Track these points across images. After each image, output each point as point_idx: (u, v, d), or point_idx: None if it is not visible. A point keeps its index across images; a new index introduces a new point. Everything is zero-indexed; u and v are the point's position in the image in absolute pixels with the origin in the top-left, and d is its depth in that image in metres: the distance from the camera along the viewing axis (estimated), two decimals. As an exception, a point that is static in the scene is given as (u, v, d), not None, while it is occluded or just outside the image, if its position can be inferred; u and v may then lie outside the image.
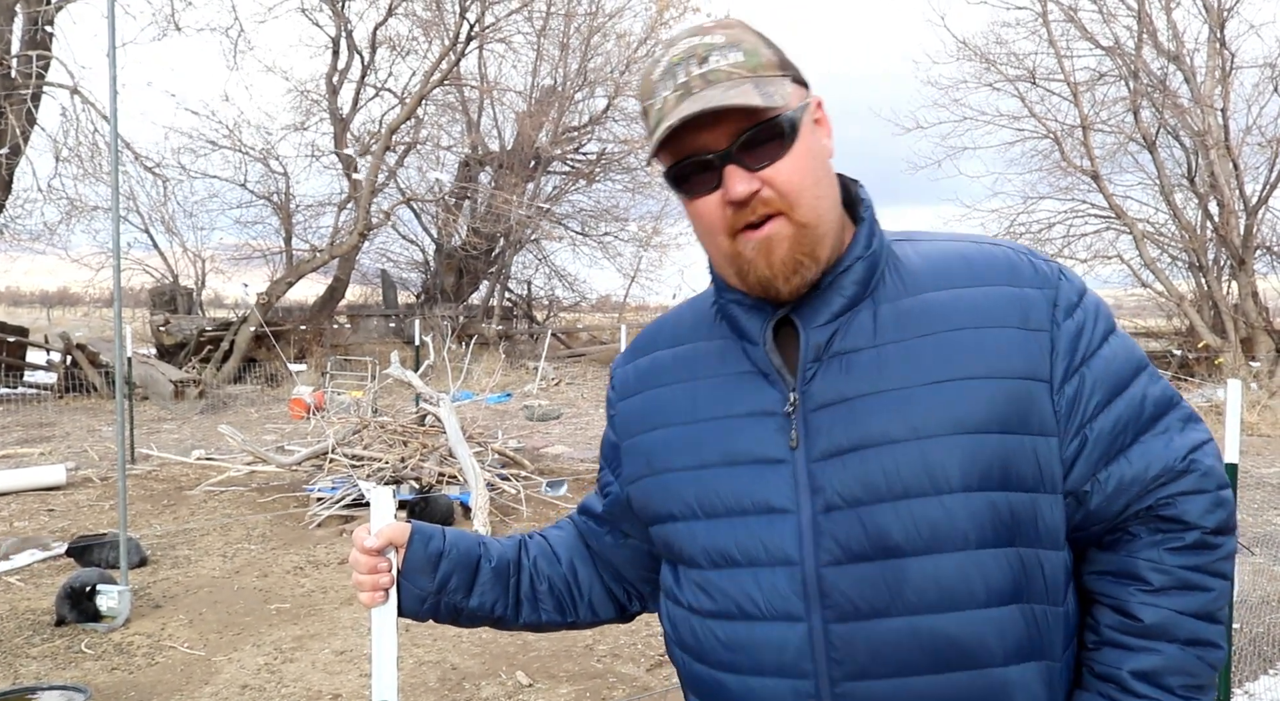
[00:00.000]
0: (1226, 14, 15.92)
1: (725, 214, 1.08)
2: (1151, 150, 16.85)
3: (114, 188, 5.31)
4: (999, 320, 1.09)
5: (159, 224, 19.59)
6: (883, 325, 1.10)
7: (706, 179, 1.09)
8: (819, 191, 1.10)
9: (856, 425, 1.07)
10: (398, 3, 18.77)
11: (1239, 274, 16.16)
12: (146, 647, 4.72)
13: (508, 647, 4.70)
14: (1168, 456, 1.10)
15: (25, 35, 14.79)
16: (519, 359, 20.33)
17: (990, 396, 1.06)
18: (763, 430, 1.11)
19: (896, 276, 1.13)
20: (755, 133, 1.06)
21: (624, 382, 1.30)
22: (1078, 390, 1.09)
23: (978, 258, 1.14)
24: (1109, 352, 1.11)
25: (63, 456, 10.03)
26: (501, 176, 21.91)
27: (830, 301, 1.12)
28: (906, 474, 1.05)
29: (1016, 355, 1.07)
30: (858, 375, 1.09)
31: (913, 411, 1.06)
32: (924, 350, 1.08)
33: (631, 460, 1.24)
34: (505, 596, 1.33)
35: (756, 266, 1.09)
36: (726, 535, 1.12)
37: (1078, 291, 1.13)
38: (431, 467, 7.69)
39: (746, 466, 1.12)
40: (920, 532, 1.04)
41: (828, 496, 1.07)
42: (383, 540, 1.27)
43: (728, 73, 1.06)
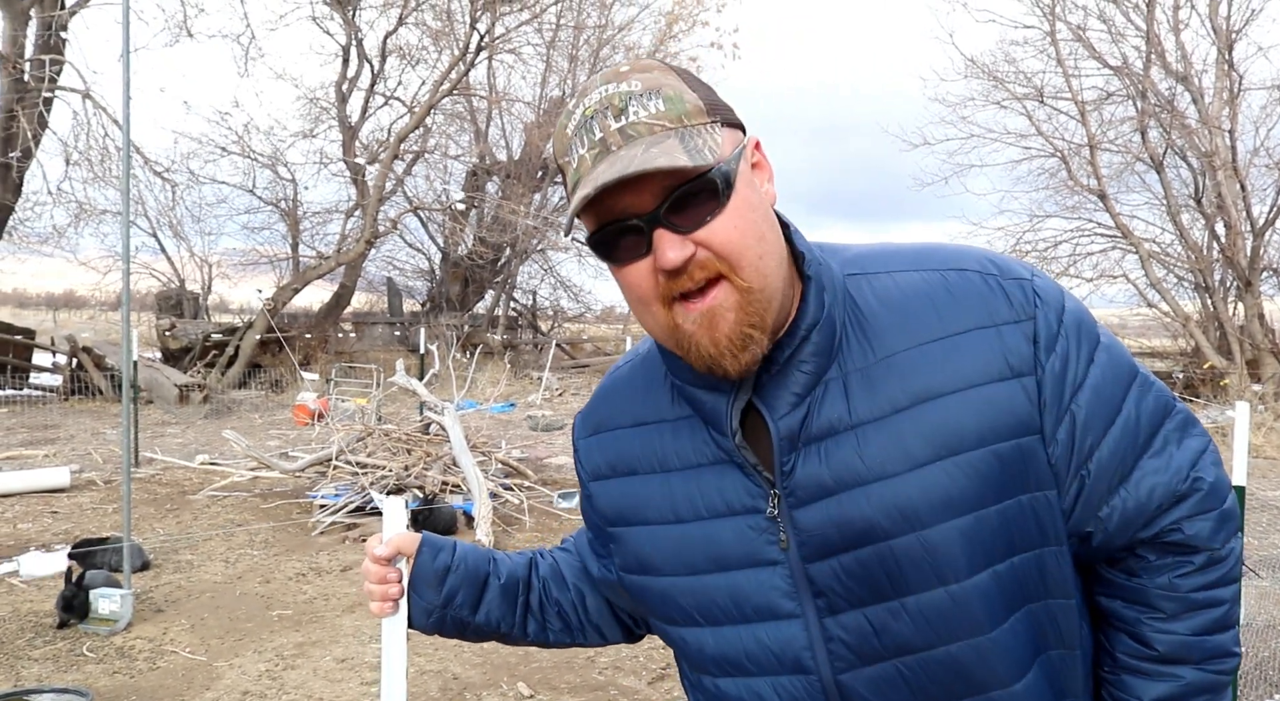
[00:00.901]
0: (1235, 36, 15.96)
1: (658, 282, 0.97)
2: (1159, 170, 16.86)
3: (124, 192, 5.34)
4: (981, 374, 1.00)
5: (167, 228, 19.66)
6: (855, 400, 1.01)
7: (634, 244, 0.97)
8: (762, 249, 0.98)
9: (847, 522, 1.00)
10: (408, 12, 18.86)
11: (1245, 295, 16.13)
12: (148, 652, 4.72)
13: (509, 658, 4.69)
14: (1170, 479, 1.04)
15: (39, 40, 14.88)
16: (523, 369, 20.34)
17: (984, 468, 0.99)
18: (749, 531, 1.04)
19: (860, 334, 1.03)
20: (685, 191, 0.94)
21: (589, 459, 1.22)
22: (1070, 433, 1.02)
23: (943, 297, 1.02)
24: (1097, 379, 1.03)
25: (67, 459, 10.04)
26: (508, 186, 21.97)
27: (792, 380, 1.02)
28: (909, 570, 0.99)
29: (1004, 413, 0.99)
30: (838, 463, 1.00)
31: (904, 502, 0.98)
32: (905, 429, 0.99)
33: (621, 551, 1.18)
34: (511, 614, 1.32)
35: (699, 343, 0.98)
36: (734, 645, 1.08)
37: (1055, 313, 1.03)
38: (435, 476, 7.69)
39: (739, 571, 1.05)
40: (933, 627, 0.99)
41: (831, 600, 1.02)
42: (391, 549, 1.26)
43: (649, 125, 0.95)
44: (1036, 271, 1.07)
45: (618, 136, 0.95)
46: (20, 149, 14.43)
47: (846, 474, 1.00)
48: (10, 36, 14.61)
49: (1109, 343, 1.07)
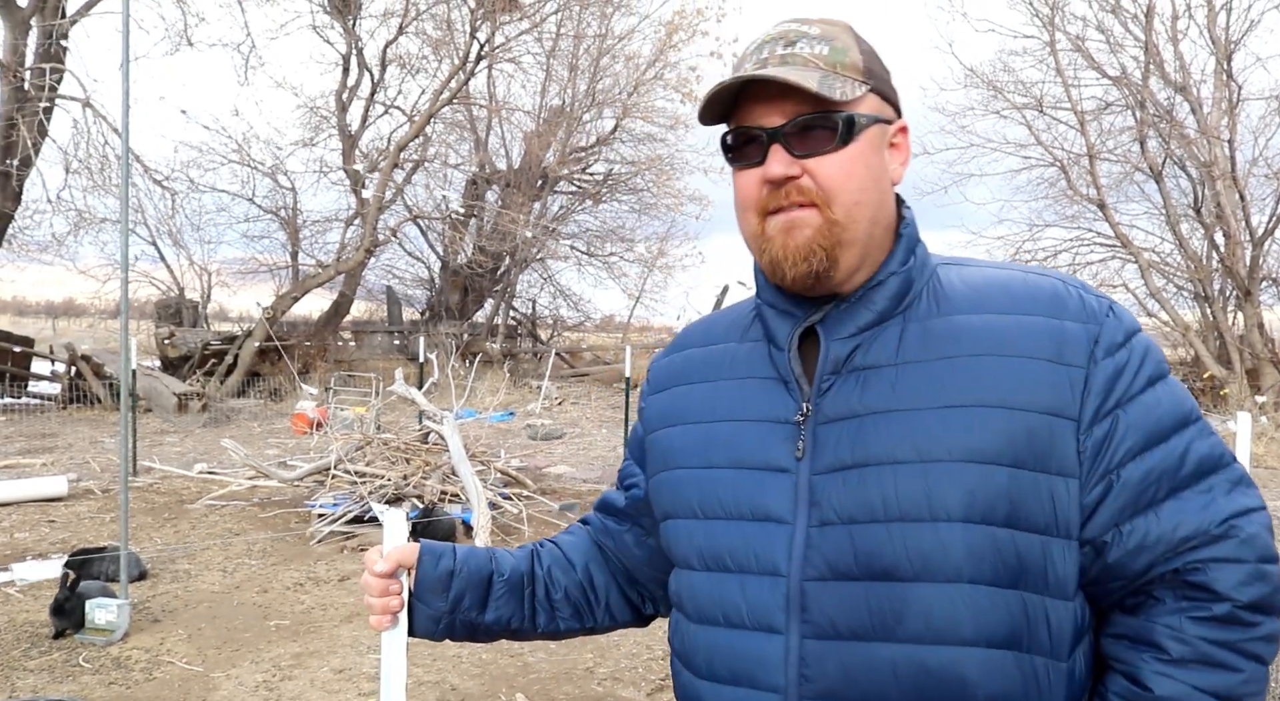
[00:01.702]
0: (1233, 46, 15.99)
1: (761, 192, 1.09)
2: (1158, 180, 16.88)
3: (123, 200, 5.32)
4: (1028, 350, 1.04)
5: (166, 237, 19.71)
6: (907, 344, 1.07)
7: (753, 151, 1.09)
8: (860, 198, 1.08)
9: (863, 442, 1.04)
10: (408, 21, 18.91)
11: (1245, 305, 16.13)
12: (145, 662, 4.69)
13: (507, 669, 4.66)
14: (1203, 518, 1.01)
15: (39, 48, 14.90)
16: (522, 378, 20.33)
17: (1005, 428, 1.01)
18: (772, 437, 1.10)
19: (932, 298, 1.10)
20: (809, 120, 1.06)
21: (657, 377, 1.30)
22: (1108, 433, 1.02)
23: (1020, 286, 1.10)
24: (1151, 399, 1.04)
25: (65, 467, 10.01)
26: (508, 195, 21.99)
27: (858, 315, 1.10)
28: (905, 497, 1.01)
29: (1042, 389, 1.02)
30: (873, 392, 1.06)
31: (920, 434, 1.02)
32: (942, 373, 1.04)
33: (653, 455, 1.25)
34: (521, 608, 1.32)
35: (773, 244, 1.08)
36: (721, 539, 1.12)
37: (1125, 331, 1.07)
38: (434, 486, 7.66)
39: (751, 472, 1.11)
40: (911, 559, 1.00)
41: (824, 511, 1.05)
42: (391, 563, 1.25)
43: (805, 60, 1.07)
44: (1119, 304, 1.12)
45: (777, 60, 1.07)
46: (20, 157, 14.44)
47: (876, 401, 1.05)
48: (11, 45, 14.63)
49: (1174, 384, 1.08)
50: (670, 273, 25.03)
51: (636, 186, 23.82)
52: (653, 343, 25.15)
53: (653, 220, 24.52)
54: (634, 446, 1.34)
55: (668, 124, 22.27)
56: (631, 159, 23.43)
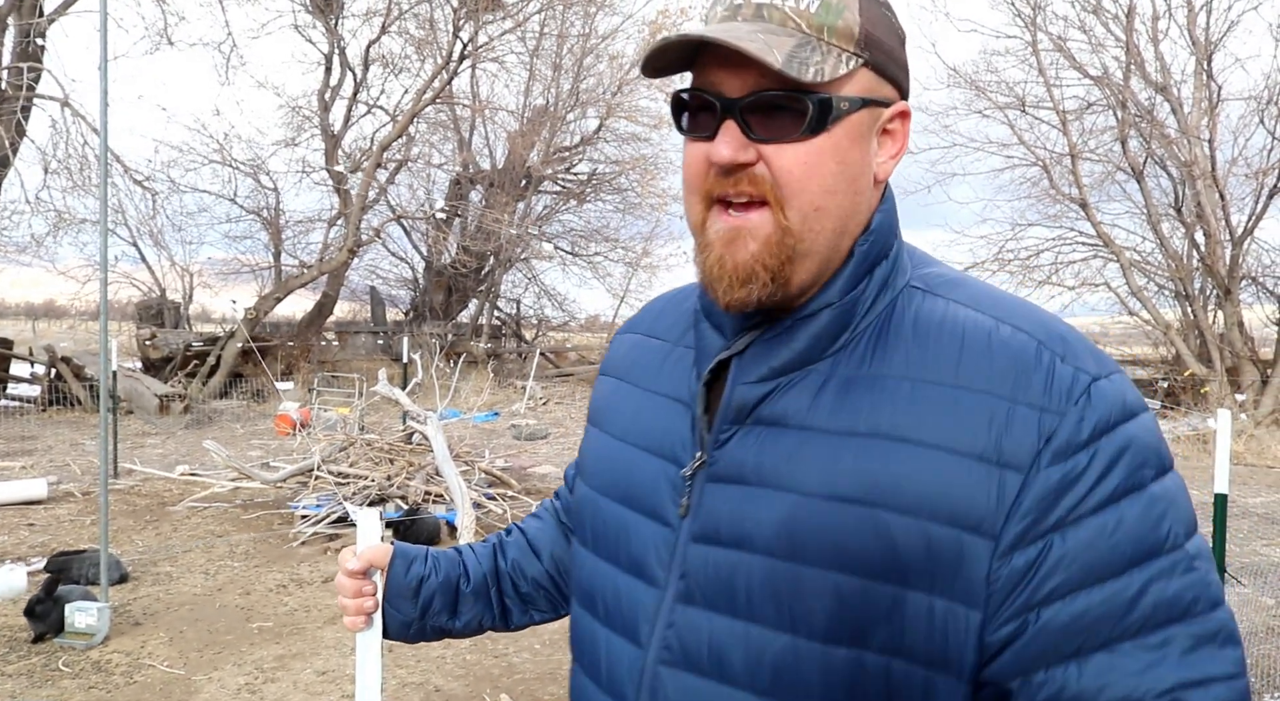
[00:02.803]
0: (1213, 47, 16.13)
1: (708, 174, 0.90)
2: (1139, 179, 17.01)
3: (103, 200, 5.28)
4: (954, 443, 0.82)
5: (147, 237, 19.52)
6: (821, 403, 0.88)
7: (704, 122, 0.90)
8: (823, 202, 0.88)
9: (742, 517, 0.88)
10: (391, 21, 18.83)
11: (1225, 303, 16.27)
12: (125, 666, 4.65)
13: (491, 670, 4.65)
14: (1140, 683, 0.77)
15: (17, 47, 14.76)
16: (507, 378, 20.29)
17: (900, 536, 0.82)
18: (664, 482, 0.96)
19: (871, 343, 0.90)
20: (774, 99, 0.86)
21: (612, 357, 1.17)
22: (1034, 561, 0.79)
23: (980, 345, 0.86)
24: (1107, 521, 0.79)
25: (45, 470, 9.92)
26: (492, 195, 21.94)
27: (775, 353, 0.91)
28: (768, 598, 0.86)
29: (958, 494, 0.81)
30: (769, 457, 0.89)
31: (800, 526, 0.85)
32: (845, 456, 0.85)
33: (582, 449, 1.15)
34: (490, 609, 1.29)
35: (710, 254, 0.90)
36: (599, 582, 1.01)
37: (1096, 425, 0.81)
38: (418, 486, 7.64)
39: (639, 515, 0.98)
40: (761, 669, 0.86)
41: (689, 586, 0.91)
42: (363, 562, 1.23)
43: (785, 15, 0.87)
44: (1116, 376, 0.85)
45: (751, 10, 0.88)
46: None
47: (768, 471, 0.88)
48: (-12, 44, 14.49)
49: (1156, 499, 0.81)
50: (655, 272, 25.04)
51: (621, 186, 23.82)
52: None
53: (637, 220, 24.54)
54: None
55: (651, 123, 22.26)
56: (615, 158, 23.43)
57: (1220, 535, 3.77)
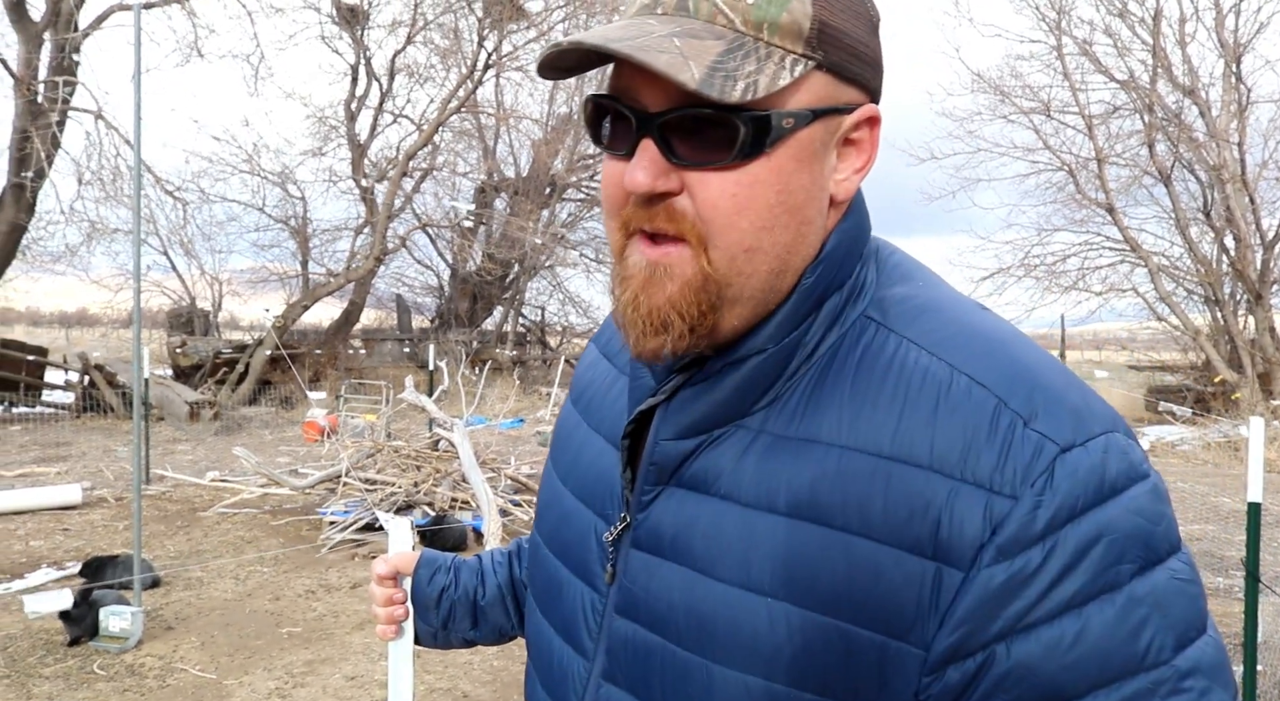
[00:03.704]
0: (1242, 49, 15.98)
1: (625, 200, 0.75)
2: (1167, 184, 16.85)
3: (135, 210, 5.39)
4: (891, 531, 0.68)
5: (177, 247, 19.77)
6: (744, 467, 0.75)
7: (621, 136, 0.75)
8: (756, 242, 0.73)
9: (656, 598, 0.78)
10: (416, 31, 18.99)
11: (1256, 308, 16.09)
12: (158, 669, 4.72)
13: (519, 676, 4.67)
14: None
15: (52, 61, 15.03)
16: (532, 384, 20.36)
17: (811, 638, 0.70)
18: (592, 540, 0.86)
19: (805, 395, 0.76)
20: (699, 117, 0.70)
21: (579, 372, 1.05)
22: (973, 678, 0.66)
23: (926, 408, 0.70)
24: (1066, 632, 0.64)
25: (79, 476, 10.07)
26: (516, 203, 22.06)
27: (699, 406, 0.78)
28: (680, 692, 0.76)
29: (882, 593, 0.68)
30: (685, 531, 0.77)
31: (709, 619, 0.74)
32: (762, 539, 0.72)
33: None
34: (508, 617, 1.27)
35: (626, 291, 0.76)
36: (540, 639, 0.94)
37: (1059, 510, 0.65)
38: (444, 493, 7.69)
39: (574, 575, 0.88)
40: None
41: (612, 664, 0.82)
42: (390, 568, 1.23)
43: (712, 11, 0.71)
44: (1099, 440, 0.68)
45: (673, 3, 0.72)
46: (34, 169, 14.56)
47: (683, 546, 0.77)
48: (24, 58, 14.76)
49: (1143, 602, 0.65)
50: (678, 279, 25.03)
51: (645, 193, 23.86)
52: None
53: (660, 227, 24.53)
54: None
55: (675, 131, 22.28)
56: (640, 166, 23.45)
57: (1254, 544, 3.74)
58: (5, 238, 15.16)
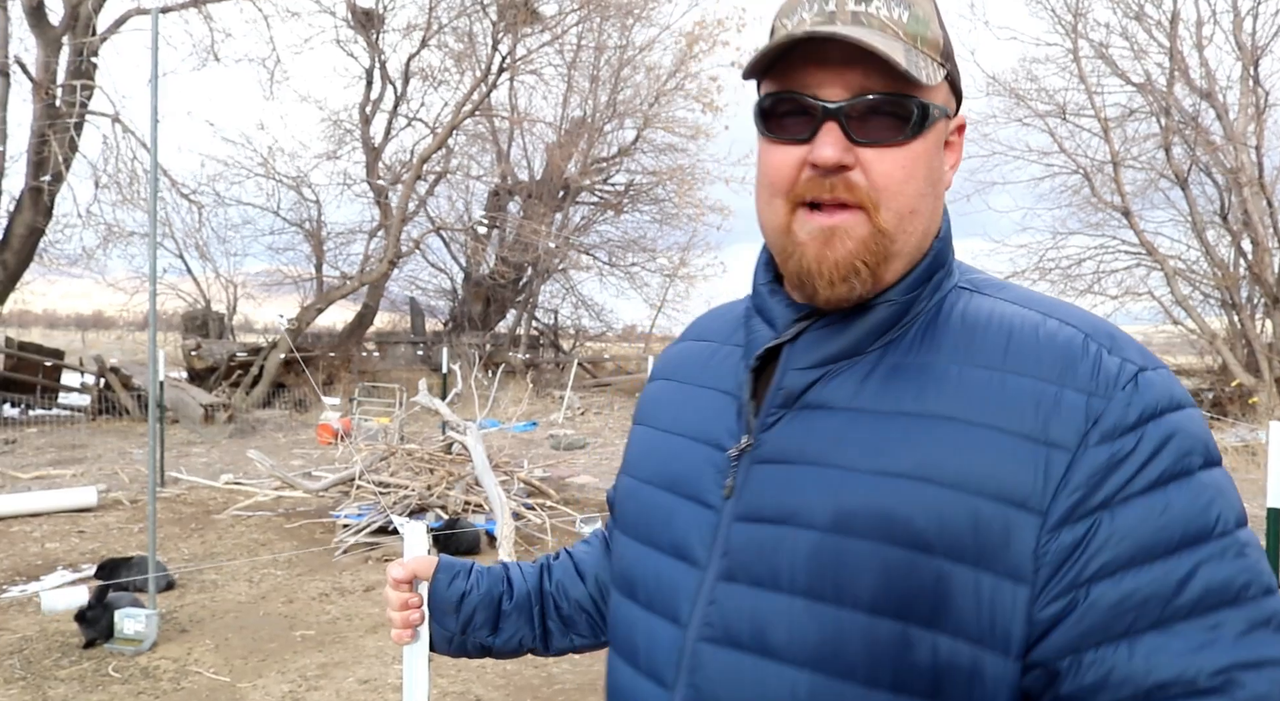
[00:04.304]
0: (1260, 52, 15.87)
1: (799, 176, 0.90)
2: (1183, 187, 16.74)
3: (151, 213, 5.41)
4: (1003, 421, 0.84)
5: (193, 249, 19.85)
6: (869, 387, 0.90)
7: (799, 125, 0.90)
8: (916, 205, 0.90)
9: (786, 495, 0.90)
10: (431, 34, 19.07)
11: (1273, 312, 15.96)
12: (173, 672, 4.74)
13: (532, 680, 4.67)
14: (1193, 662, 0.77)
15: (70, 65, 15.14)
16: (545, 388, 20.38)
17: (947, 511, 0.82)
18: (708, 466, 0.98)
19: (919, 336, 0.92)
20: (879, 101, 0.87)
21: (658, 366, 1.20)
22: (1083, 538, 0.80)
23: (1028, 335, 0.88)
24: (1155, 503, 0.80)
25: (94, 478, 10.13)
26: (530, 206, 22.10)
27: (829, 343, 0.93)
28: (812, 571, 0.86)
29: (1006, 470, 0.82)
30: (815, 438, 0.91)
31: (846, 500, 0.86)
32: (890, 432, 0.87)
33: (627, 445, 1.18)
34: (532, 628, 1.29)
35: (805, 255, 0.90)
36: (638, 567, 1.02)
37: (1143, 410, 0.82)
38: (457, 496, 7.71)
39: (680, 499, 0.99)
40: (805, 643, 0.86)
41: (732, 564, 0.91)
42: (407, 572, 1.24)
43: (882, 24, 0.88)
44: (1164, 370, 0.87)
45: (848, 15, 0.88)
46: (51, 173, 14.67)
47: (814, 450, 0.90)
48: (43, 62, 14.88)
49: (1206, 487, 0.82)
50: (692, 283, 25.05)
51: (658, 197, 23.87)
52: (674, 352, 25.12)
53: (674, 230, 24.55)
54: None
55: (689, 134, 22.31)
56: (653, 169, 23.48)
57: (1274, 550, 3.70)
58: (23, 240, 15.28)
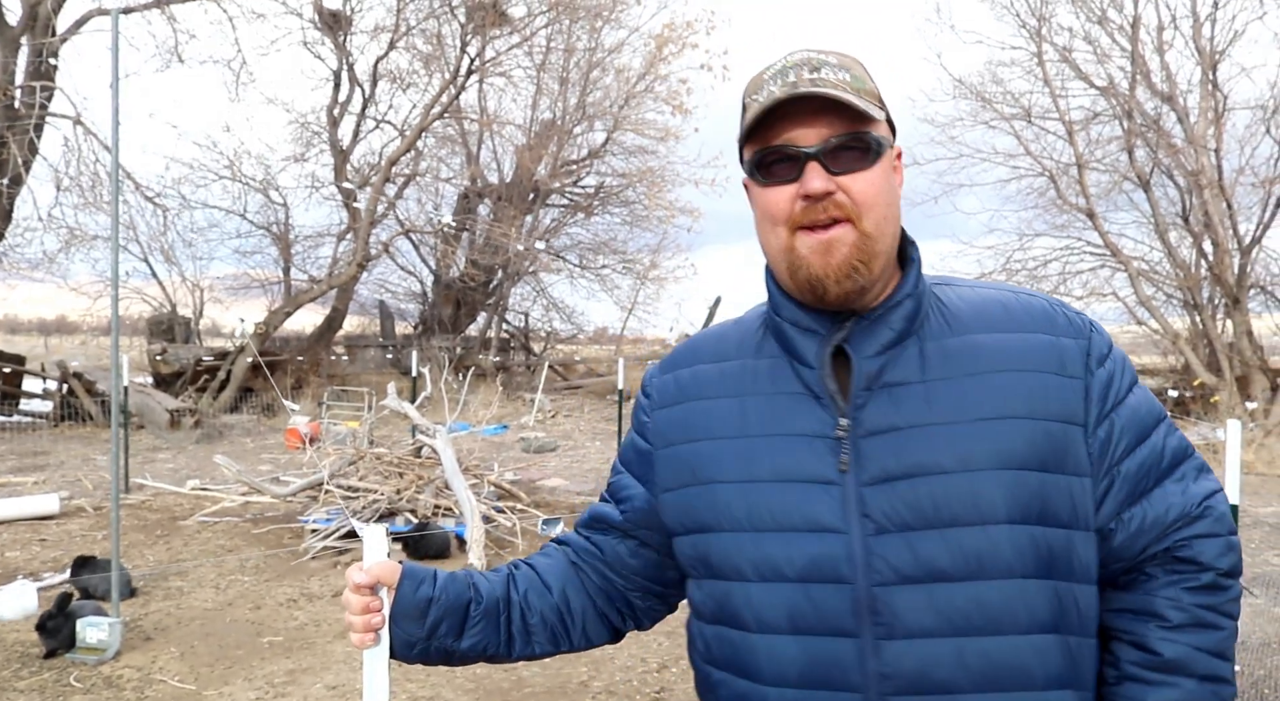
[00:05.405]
0: (1218, 57, 16.13)
1: (794, 208, 1.15)
2: (1146, 189, 16.98)
3: (114, 217, 5.33)
4: (1038, 365, 1.16)
5: (158, 253, 19.60)
6: (930, 362, 1.16)
7: (786, 170, 1.15)
8: (886, 213, 1.16)
9: (907, 454, 1.12)
10: (399, 36, 18.96)
11: (1234, 312, 16.22)
12: (136, 681, 4.67)
13: (501, 684, 4.65)
14: (1185, 501, 1.18)
15: (29, 66, 14.91)
16: (516, 390, 20.31)
17: (1030, 436, 1.12)
18: (813, 451, 1.16)
19: (940, 317, 1.20)
20: (845, 140, 1.14)
21: (662, 392, 1.32)
22: (1109, 434, 1.16)
23: (1015, 306, 1.21)
24: (1135, 402, 1.20)
25: (56, 485, 9.97)
26: (500, 209, 22.02)
27: (879, 334, 1.17)
28: (955, 503, 1.10)
29: (1054, 399, 1.14)
30: (907, 407, 1.14)
31: (962, 445, 1.11)
32: (971, 388, 1.14)
33: (669, 468, 1.27)
34: (496, 635, 1.32)
35: (810, 265, 1.14)
36: (778, 550, 1.15)
37: (1107, 344, 1.21)
38: (427, 500, 7.66)
39: (797, 484, 1.15)
40: (967, 559, 1.09)
41: (878, 520, 1.11)
42: (371, 578, 1.26)
43: (835, 84, 1.13)
44: (1093, 320, 1.25)
45: (807, 83, 1.13)
46: (10, 175, 14.43)
47: (913, 415, 1.13)
48: (1, 63, 14.63)
49: (1144, 388, 1.23)
50: (662, 285, 25.10)
51: (628, 199, 23.88)
52: (646, 354, 25.15)
53: (644, 232, 24.58)
54: (633, 462, 1.34)
55: (659, 136, 22.34)
56: (623, 171, 23.49)
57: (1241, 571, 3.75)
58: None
